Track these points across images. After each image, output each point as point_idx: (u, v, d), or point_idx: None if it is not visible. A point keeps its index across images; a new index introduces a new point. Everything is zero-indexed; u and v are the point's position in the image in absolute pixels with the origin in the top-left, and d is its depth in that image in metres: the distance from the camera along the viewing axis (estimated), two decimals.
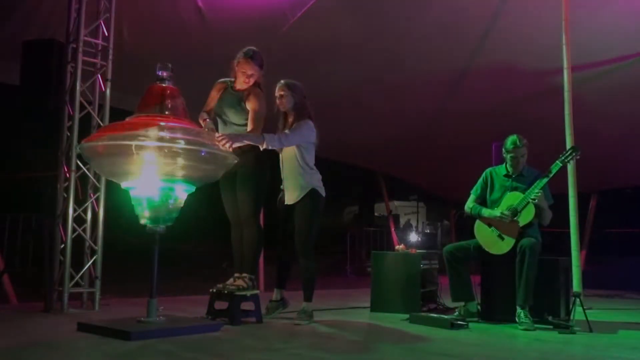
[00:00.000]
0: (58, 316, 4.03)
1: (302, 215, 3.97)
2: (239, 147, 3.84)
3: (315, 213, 3.99)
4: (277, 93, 4.04)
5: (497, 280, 4.29)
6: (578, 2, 4.89)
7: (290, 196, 4.03)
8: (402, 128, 7.55)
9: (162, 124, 3.20)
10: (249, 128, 3.82)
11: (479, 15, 5.13)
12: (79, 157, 4.19)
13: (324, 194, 4.05)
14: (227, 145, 3.47)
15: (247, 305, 3.83)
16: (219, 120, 4.00)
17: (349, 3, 5.09)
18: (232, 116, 3.93)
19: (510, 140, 4.28)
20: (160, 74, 3.40)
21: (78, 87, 4.39)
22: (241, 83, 3.91)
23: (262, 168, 3.92)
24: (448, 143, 8.07)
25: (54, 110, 4.41)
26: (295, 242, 3.98)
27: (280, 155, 4.08)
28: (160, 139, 3.13)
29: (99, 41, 4.60)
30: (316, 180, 4.03)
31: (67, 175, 4.34)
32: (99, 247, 4.45)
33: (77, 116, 4.38)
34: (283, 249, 4.15)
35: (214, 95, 4.01)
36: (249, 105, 3.87)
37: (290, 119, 4.05)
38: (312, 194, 3.98)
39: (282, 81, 4.05)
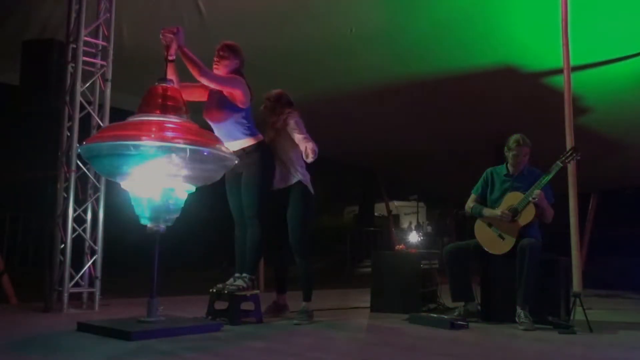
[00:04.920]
0: (58, 316, 4.03)
1: (292, 212, 4.04)
2: (242, 149, 3.85)
3: (307, 212, 4.06)
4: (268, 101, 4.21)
5: (497, 280, 4.28)
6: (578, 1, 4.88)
7: (283, 180, 4.08)
8: (402, 128, 7.55)
9: (163, 124, 3.20)
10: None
11: (478, 15, 5.12)
12: (79, 157, 4.19)
13: (312, 191, 4.13)
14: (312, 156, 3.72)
15: (247, 305, 3.83)
16: (211, 123, 3.94)
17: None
18: (217, 114, 3.87)
19: (513, 138, 4.29)
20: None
21: (78, 87, 4.39)
22: (214, 67, 3.88)
23: (266, 169, 3.92)
24: (449, 143, 8.07)
25: (54, 110, 4.42)
26: (290, 242, 4.02)
27: (275, 145, 4.12)
28: (161, 139, 3.12)
29: (99, 41, 4.60)
30: (307, 176, 4.12)
31: (67, 175, 4.34)
32: (99, 247, 4.46)
33: (77, 116, 4.39)
34: (279, 250, 4.19)
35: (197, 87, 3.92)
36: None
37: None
38: (302, 188, 4.06)
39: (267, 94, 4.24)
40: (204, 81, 3.71)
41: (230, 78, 3.82)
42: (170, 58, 3.45)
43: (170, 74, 3.51)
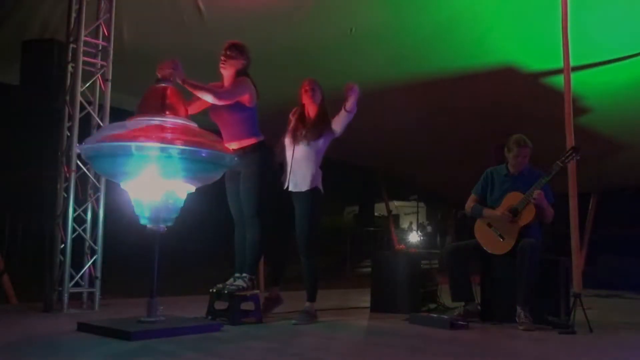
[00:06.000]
0: (58, 316, 4.03)
1: (302, 214, 4.00)
2: (241, 148, 3.85)
3: (315, 212, 4.04)
4: (307, 87, 4.19)
5: (497, 280, 4.28)
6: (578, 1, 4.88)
7: (299, 183, 4.04)
8: (402, 128, 7.54)
9: (163, 124, 3.20)
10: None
11: (478, 15, 5.12)
12: (79, 157, 4.19)
13: (322, 192, 4.11)
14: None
15: (247, 305, 3.84)
16: (218, 123, 3.96)
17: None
18: (225, 114, 3.87)
19: (514, 139, 4.29)
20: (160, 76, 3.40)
21: (78, 87, 4.39)
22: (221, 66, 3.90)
23: (266, 169, 3.92)
24: (449, 143, 8.07)
25: (54, 110, 4.42)
26: (297, 242, 4.01)
27: (294, 146, 4.09)
28: (161, 139, 3.13)
29: (99, 41, 4.60)
30: (320, 179, 4.10)
31: (67, 175, 4.34)
32: (99, 247, 4.46)
33: (77, 116, 4.39)
34: (280, 248, 4.19)
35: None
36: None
37: (313, 114, 4.17)
38: (315, 191, 4.02)
39: (309, 78, 4.25)
40: (222, 103, 3.76)
41: (239, 87, 3.83)
42: None
43: None
